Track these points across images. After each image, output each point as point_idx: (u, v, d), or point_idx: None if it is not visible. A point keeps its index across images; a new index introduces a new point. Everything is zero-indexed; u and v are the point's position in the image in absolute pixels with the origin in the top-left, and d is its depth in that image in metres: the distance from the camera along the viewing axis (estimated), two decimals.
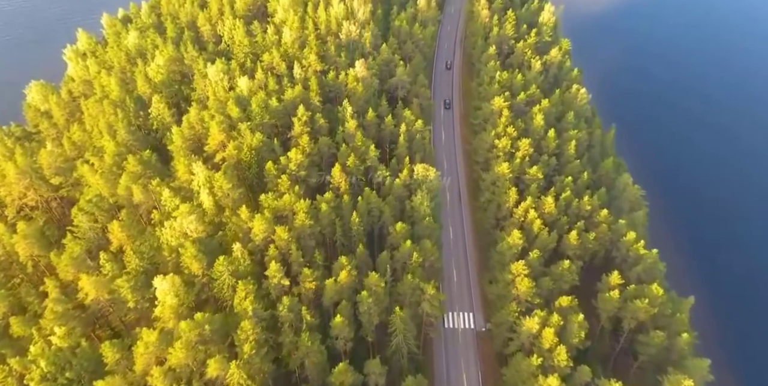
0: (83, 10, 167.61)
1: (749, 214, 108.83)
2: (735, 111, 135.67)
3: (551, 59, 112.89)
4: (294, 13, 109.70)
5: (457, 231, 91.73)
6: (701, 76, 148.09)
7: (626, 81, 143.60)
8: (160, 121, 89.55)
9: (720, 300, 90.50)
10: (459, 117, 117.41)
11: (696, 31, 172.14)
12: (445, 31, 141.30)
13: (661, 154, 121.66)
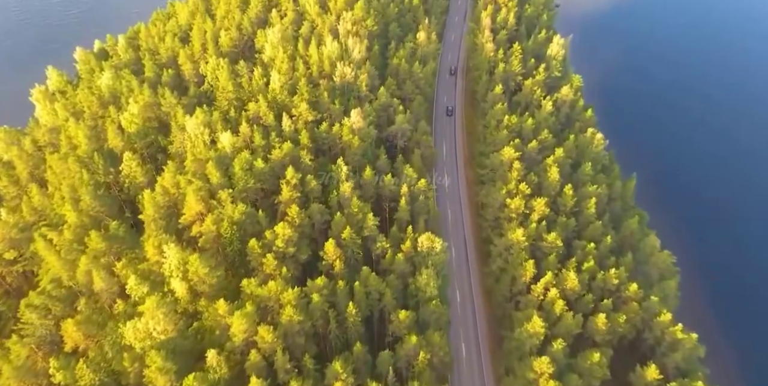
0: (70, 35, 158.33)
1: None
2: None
3: (562, 97, 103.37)
4: (283, 50, 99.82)
5: (465, 298, 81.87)
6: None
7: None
8: (132, 179, 79.41)
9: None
10: (464, 160, 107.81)
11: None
12: (445, 61, 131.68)
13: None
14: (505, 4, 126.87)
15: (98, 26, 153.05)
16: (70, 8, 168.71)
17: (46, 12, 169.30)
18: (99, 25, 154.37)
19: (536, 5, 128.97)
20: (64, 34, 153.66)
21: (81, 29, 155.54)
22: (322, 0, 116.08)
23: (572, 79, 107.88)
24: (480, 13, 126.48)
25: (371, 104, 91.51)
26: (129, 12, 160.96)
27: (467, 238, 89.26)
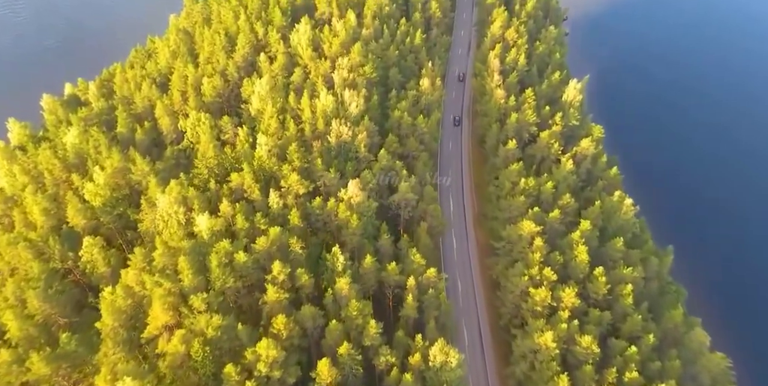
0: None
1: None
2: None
3: (582, 151, 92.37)
4: (272, 103, 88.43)
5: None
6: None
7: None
8: (93, 267, 67.63)
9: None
10: (473, 219, 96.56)
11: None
12: (449, 98, 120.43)
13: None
14: (515, 40, 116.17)
15: (77, 60, 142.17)
16: (44, 39, 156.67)
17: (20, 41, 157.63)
18: (78, 59, 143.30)
19: (547, 42, 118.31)
20: (40, 68, 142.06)
21: (60, 62, 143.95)
22: (315, 41, 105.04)
23: (592, 129, 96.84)
24: (487, 51, 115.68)
25: (371, 168, 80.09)
26: (112, 42, 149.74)
27: (482, 326, 77.51)
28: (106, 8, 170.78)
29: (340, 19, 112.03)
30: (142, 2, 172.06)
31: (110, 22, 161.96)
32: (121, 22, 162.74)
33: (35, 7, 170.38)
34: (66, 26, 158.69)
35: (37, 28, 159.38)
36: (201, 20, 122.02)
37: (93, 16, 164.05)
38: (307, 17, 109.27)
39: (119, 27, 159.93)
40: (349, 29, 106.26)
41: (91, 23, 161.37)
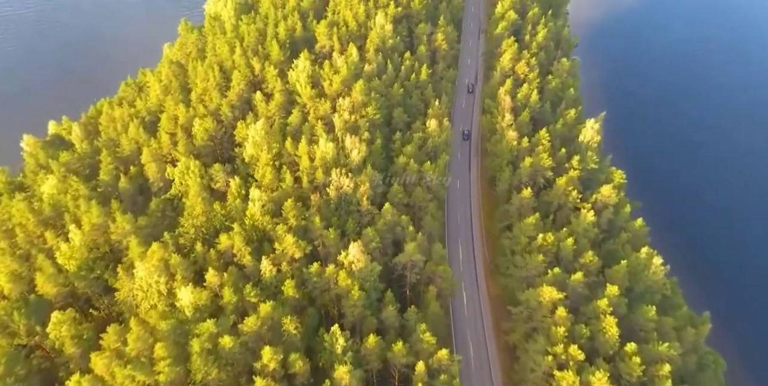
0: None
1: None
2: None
3: (603, 199, 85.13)
4: (268, 149, 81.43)
5: None
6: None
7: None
8: (61, 346, 60.01)
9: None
10: (484, 269, 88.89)
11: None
12: (456, 139, 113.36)
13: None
14: (526, 74, 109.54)
15: (69, 92, 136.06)
16: (34, 69, 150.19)
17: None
18: (70, 89, 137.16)
19: (560, 74, 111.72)
20: (28, 102, 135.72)
21: (50, 94, 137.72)
22: (315, 77, 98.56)
23: (613, 174, 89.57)
24: (496, 85, 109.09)
25: (374, 223, 72.74)
26: (106, 71, 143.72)
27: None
28: (101, 33, 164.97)
29: (341, 53, 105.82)
30: (139, 28, 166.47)
31: (105, 49, 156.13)
32: (117, 48, 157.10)
33: (25, 32, 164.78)
34: (58, 54, 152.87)
35: (27, 55, 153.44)
36: (195, 51, 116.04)
37: (88, 43, 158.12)
38: (306, 52, 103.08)
39: (115, 54, 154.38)
40: (351, 64, 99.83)
41: (85, 50, 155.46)
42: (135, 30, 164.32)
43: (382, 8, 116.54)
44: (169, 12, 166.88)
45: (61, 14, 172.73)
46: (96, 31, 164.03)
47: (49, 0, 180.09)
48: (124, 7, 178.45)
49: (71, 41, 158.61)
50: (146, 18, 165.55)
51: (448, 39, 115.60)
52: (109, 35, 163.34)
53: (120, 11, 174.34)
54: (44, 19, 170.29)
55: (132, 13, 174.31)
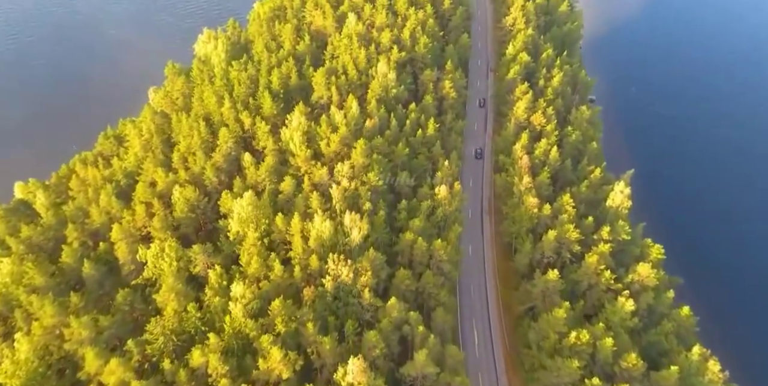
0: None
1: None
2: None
3: (640, 280, 74.08)
4: (255, 226, 70.88)
5: None
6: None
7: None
8: None
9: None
10: (503, 358, 77.33)
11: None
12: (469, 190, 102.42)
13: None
14: (542, 126, 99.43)
15: (47, 138, 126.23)
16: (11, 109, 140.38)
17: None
18: (49, 136, 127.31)
19: (580, 125, 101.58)
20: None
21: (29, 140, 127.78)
22: (311, 134, 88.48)
23: (649, 248, 78.56)
24: (510, 138, 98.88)
25: (378, 323, 61.64)
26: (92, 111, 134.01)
27: None
28: (85, 71, 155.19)
29: (340, 106, 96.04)
30: (128, 65, 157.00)
31: (89, 90, 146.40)
32: (102, 86, 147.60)
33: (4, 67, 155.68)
34: (37, 96, 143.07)
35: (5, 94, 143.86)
36: (181, 100, 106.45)
37: (70, 83, 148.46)
38: (301, 104, 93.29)
39: (100, 92, 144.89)
40: (351, 120, 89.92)
41: (66, 92, 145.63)
42: (125, 64, 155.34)
43: (385, 53, 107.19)
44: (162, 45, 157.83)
45: (42, 48, 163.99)
46: (79, 68, 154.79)
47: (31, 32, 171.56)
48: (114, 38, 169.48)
49: (53, 81, 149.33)
50: (133, 57, 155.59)
51: (456, 86, 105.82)
52: (95, 72, 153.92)
53: (109, 43, 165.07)
54: (24, 53, 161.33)
55: (123, 43, 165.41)
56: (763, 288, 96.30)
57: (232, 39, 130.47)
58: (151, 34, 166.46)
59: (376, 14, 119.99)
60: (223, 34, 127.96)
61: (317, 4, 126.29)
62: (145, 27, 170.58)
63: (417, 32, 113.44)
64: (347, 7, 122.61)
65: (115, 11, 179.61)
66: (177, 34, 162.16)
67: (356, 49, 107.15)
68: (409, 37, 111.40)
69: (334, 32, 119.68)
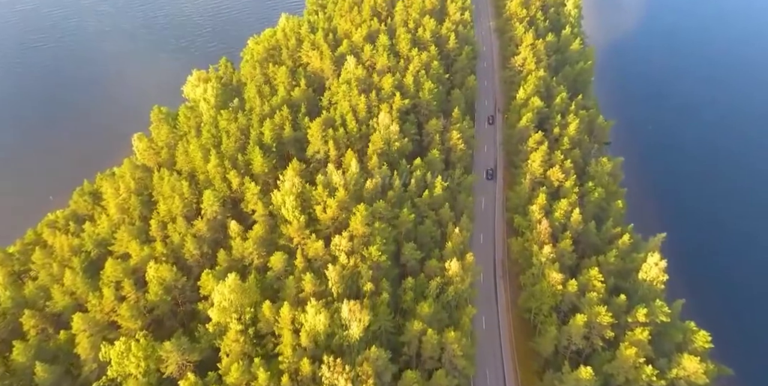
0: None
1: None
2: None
3: (687, 376, 63.69)
4: (238, 318, 61.00)
5: None
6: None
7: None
8: None
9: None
10: None
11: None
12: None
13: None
14: (561, 182, 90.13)
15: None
16: None
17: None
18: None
19: (601, 180, 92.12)
20: None
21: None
22: (305, 197, 79.23)
23: (693, 333, 68.25)
24: (525, 196, 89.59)
25: None
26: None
27: None
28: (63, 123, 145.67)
29: (337, 160, 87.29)
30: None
31: (77, 126, 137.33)
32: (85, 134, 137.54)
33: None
34: (23, 131, 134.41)
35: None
36: (166, 151, 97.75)
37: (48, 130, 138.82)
38: (296, 162, 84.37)
39: (87, 133, 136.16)
40: (350, 179, 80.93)
41: (55, 127, 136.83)
42: (115, 102, 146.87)
43: (386, 101, 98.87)
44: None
45: (30, 82, 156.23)
46: (68, 106, 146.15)
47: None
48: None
49: (40, 118, 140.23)
50: (124, 95, 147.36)
51: (465, 136, 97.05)
52: (82, 109, 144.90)
53: (99, 79, 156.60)
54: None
55: (114, 79, 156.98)
56: None
57: (223, 79, 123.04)
58: (144, 71, 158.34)
59: (376, 56, 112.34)
60: (214, 75, 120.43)
61: (314, 44, 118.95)
62: (136, 62, 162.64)
63: (421, 76, 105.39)
64: (346, 47, 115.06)
65: (105, 48, 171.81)
66: (170, 70, 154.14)
67: (355, 96, 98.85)
68: (412, 83, 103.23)
69: (332, 75, 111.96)
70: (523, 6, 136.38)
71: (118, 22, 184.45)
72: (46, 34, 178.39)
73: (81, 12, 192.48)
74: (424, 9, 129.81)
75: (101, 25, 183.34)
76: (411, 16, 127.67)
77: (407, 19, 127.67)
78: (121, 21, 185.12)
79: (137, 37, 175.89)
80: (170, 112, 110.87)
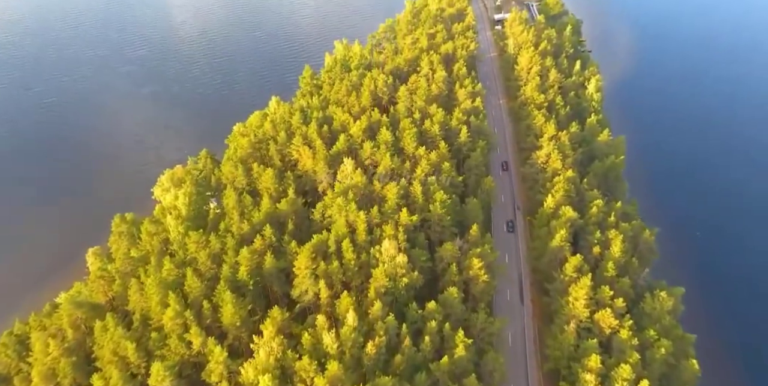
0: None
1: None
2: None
3: None
4: None
5: None
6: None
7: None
8: None
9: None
10: None
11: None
12: None
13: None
14: (613, 329, 71.01)
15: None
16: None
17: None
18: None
19: (663, 326, 72.89)
20: None
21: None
22: (285, 374, 59.85)
23: None
24: (568, 349, 70.32)
25: None
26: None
27: None
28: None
29: (329, 303, 68.85)
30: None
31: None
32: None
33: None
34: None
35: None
36: (119, 283, 79.62)
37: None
38: (276, 311, 65.78)
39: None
40: (346, 341, 62.06)
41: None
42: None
43: (390, 216, 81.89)
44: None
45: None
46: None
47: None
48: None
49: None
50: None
51: (487, 261, 79.05)
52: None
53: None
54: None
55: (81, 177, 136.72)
56: None
57: (203, 173, 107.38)
58: (120, 160, 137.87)
59: (378, 154, 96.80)
60: (189, 176, 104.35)
61: (306, 138, 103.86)
62: (114, 148, 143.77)
63: (431, 183, 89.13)
64: (343, 143, 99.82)
65: (70, 136, 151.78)
66: (153, 158, 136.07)
67: (353, 211, 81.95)
68: (421, 192, 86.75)
69: (327, 177, 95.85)
70: (539, 90, 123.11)
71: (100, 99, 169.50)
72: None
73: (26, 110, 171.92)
74: (430, 95, 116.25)
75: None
76: (416, 103, 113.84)
77: (412, 107, 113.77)
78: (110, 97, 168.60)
79: (119, 119, 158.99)
80: (136, 220, 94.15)
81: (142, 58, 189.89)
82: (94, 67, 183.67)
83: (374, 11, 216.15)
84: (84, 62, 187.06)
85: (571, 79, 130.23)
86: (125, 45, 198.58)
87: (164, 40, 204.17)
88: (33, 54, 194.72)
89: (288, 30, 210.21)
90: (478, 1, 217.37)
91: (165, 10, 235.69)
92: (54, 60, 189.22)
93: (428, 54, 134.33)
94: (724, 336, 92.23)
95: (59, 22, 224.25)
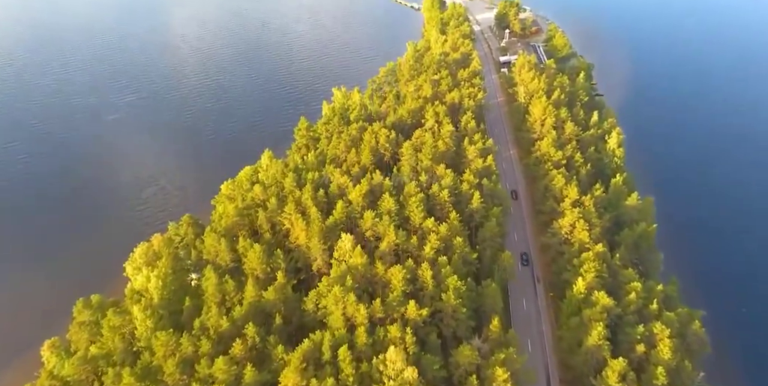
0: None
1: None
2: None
3: None
4: None
5: None
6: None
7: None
8: None
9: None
10: None
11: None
12: None
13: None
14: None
15: None
16: None
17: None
18: None
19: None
20: None
21: None
22: None
23: None
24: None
25: None
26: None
27: None
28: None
29: None
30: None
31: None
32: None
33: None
34: None
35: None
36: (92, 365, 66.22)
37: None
38: None
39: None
40: None
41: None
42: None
43: (396, 309, 69.23)
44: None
45: None
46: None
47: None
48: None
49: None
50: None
51: (512, 369, 65.79)
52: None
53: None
54: None
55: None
56: None
57: (182, 245, 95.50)
58: (98, 232, 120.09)
59: (380, 226, 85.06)
60: (172, 240, 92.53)
61: (299, 205, 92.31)
62: (93, 214, 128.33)
63: (441, 264, 76.84)
64: (341, 213, 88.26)
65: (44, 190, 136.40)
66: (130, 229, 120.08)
67: (352, 303, 69.37)
68: (431, 278, 74.37)
69: (321, 255, 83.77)
70: (555, 145, 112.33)
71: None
72: None
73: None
74: (436, 153, 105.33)
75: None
76: (422, 162, 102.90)
77: (417, 166, 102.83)
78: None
79: (99, 174, 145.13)
80: (103, 303, 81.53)
81: (129, 104, 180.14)
82: (80, 115, 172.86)
83: (374, 53, 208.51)
84: (70, 109, 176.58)
85: (589, 132, 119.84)
86: (113, 91, 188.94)
87: (155, 85, 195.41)
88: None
89: (284, 73, 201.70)
90: (482, 42, 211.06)
91: (156, 53, 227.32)
92: (35, 110, 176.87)
93: (433, 104, 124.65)
94: None
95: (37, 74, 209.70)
